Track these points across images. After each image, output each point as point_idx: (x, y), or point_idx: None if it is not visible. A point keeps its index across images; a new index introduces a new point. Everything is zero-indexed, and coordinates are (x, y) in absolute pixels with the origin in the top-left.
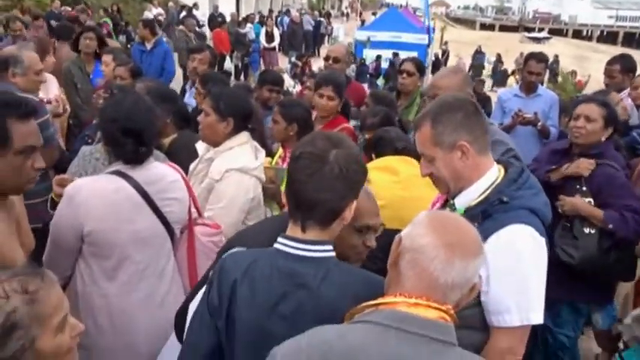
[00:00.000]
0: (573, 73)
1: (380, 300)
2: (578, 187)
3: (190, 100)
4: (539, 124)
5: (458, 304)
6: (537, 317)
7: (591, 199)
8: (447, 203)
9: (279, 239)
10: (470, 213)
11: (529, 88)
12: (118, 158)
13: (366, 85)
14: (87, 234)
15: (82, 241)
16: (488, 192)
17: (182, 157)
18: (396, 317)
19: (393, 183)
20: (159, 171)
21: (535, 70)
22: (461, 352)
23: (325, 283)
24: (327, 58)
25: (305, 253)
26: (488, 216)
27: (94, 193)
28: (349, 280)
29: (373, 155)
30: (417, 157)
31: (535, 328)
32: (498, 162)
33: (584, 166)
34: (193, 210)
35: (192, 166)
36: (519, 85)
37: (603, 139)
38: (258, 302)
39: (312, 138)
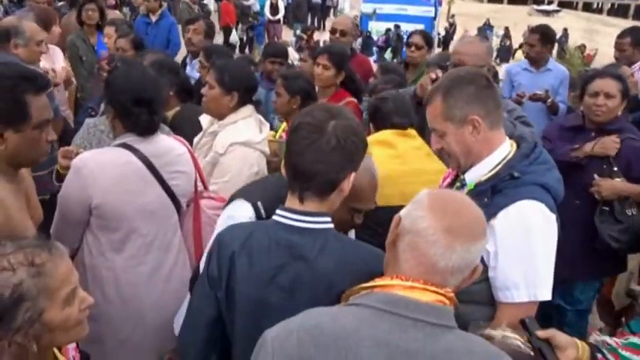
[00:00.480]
0: (582, 47)
1: (376, 282)
2: (605, 166)
3: (192, 73)
4: (549, 100)
5: (459, 286)
6: (545, 294)
7: (623, 178)
8: (457, 178)
9: (278, 211)
10: (479, 188)
11: (532, 61)
12: (131, 130)
13: (372, 59)
14: (95, 207)
15: (90, 214)
16: (499, 167)
17: (185, 129)
18: (389, 300)
19: (391, 157)
20: (166, 144)
21: (530, 42)
22: (460, 335)
23: (323, 254)
24: (333, 31)
25: (303, 224)
26: (498, 191)
27: (101, 166)
28: (347, 253)
29: (371, 127)
30: (417, 130)
31: (544, 305)
32: (511, 137)
33: (611, 145)
34: (199, 183)
35: (196, 140)
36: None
37: (619, 113)
38: (256, 274)
39: (311, 109)
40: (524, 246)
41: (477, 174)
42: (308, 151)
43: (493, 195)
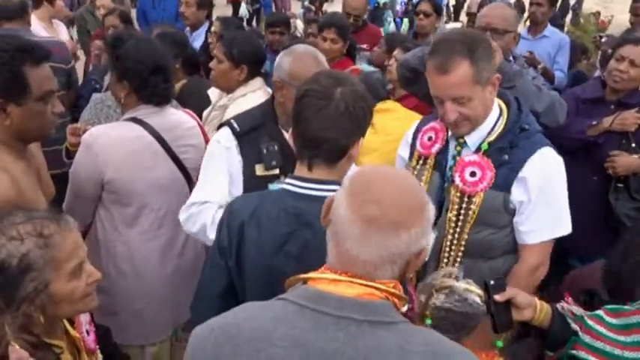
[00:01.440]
0: (597, 13)
1: (309, 274)
2: (624, 142)
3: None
4: (540, 66)
5: (403, 274)
6: (566, 229)
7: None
8: (446, 143)
9: (287, 180)
10: (497, 146)
11: (534, 23)
12: (148, 101)
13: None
14: (106, 182)
15: (102, 189)
16: (500, 124)
17: (192, 103)
18: (311, 296)
19: (370, 135)
20: (175, 117)
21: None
22: (398, 330)
23: None
24: (347, 16)
25: (311, 192)
26: (513, 145)
27: (112, 141)
28: None
29: None
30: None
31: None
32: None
33: (631, 121)
34: None
35: (205, 113)
36: (527, 26)
37: None
38: (265, 242)
39: (316, 76)
40: (552, 190)
41: (479, 135)
42: (316, 118)
43: (511, 150)
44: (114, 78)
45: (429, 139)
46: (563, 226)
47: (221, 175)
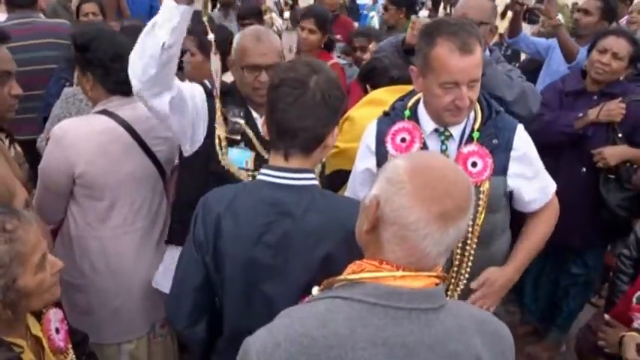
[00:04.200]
0: (574, 5)
1: (363, 275)
2: (609, 133)
3: None
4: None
5: None
6: (554, 184)
7: (626, 144)
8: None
9: (262, 170)
10: (486, 132)
11: (574, 35)
12: (114, 91)
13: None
14: (78, 176)
15: (74, 184)
16: (473, 113)
17: None
18: (382, 293)
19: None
20: (146, 110)
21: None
22: (452, 308)
23: (309, 210)
24: None
25: (288, 181)
26: (497, 128)
27: (82, 134)
28: (333, 207)
29: (368, 86)
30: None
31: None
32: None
33: (616, 111)
34: None
35: None
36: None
37: (621, 78)
38: (243, 234)
39: (291, 64)
40: (536, 159)
41: (461, 125)
42: (293, 107)
43: (497, 132)
44: (79, 72)
45: (403, 140)
46: (552, 185)
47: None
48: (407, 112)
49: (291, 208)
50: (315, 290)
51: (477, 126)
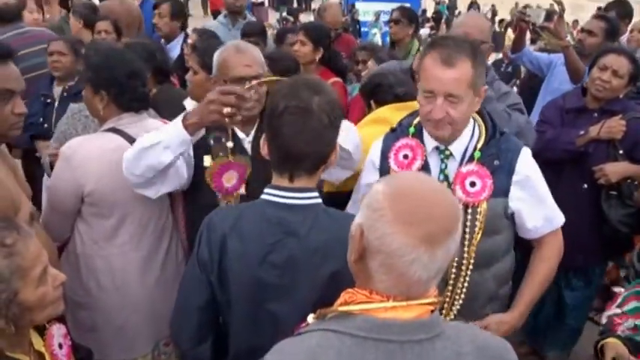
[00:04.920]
0: (574, 22)
1: (353, 307)
2: (610, 150)
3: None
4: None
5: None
6: (562, 216)
7: (627, 161)
8: (423, 154)
9: (267, 190)
10: (487, 153)
11: (579, 54)
12: (128, 107)
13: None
14: (87, 194)
15: (82, 202)
16: (478, 132)
17: (165, 111)
18: (372, 326)
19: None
20: (154, 127)
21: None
22: (450, 335)
23: (314, 229)
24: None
25: (294, 201)
26: (500, 150)
27: (92, 152)
28: (338, 226)
29: (372, 103)
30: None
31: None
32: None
33: (617, 129)
34: None
35: None
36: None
37: (621, 96)
38: (248, 253)
39: (291, 88)
40: (541, 183)
41: (462, 144)
42: (301, 135)
43: (500, 154)
44: (89, 92)
45: (405, 156)
46: (557, 211)
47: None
48: (411, 129)
49: (297, 227)
50: (310, 318)
51: (479, 145)
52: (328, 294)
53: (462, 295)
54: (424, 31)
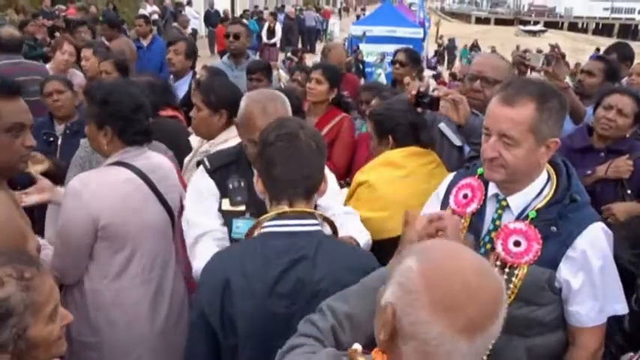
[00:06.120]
0: (576, 65)
1: None
2: (617, 189)
3: (176, 93)
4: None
5: None
6: (623, 307)
7: (635, 200)
8: (485, 201)
9: (268, 223)
10: (545, 216)
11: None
12: (132, 141)
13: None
14: (101, 228)
15: (96, 237)
16: (548, 191)
17: (166, 144)
18: None
19: (399, 178)
20: (157, 160)
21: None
22: None
23: (320, 254)
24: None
25: (297, 228)
26: (562, 217)
27: (104, 185)
28: (341, 252)
29: (391, 138)
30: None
31: None
32: None
33: (624, 168)
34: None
35: (187, 160)
36: None
37: (628, 135)
38: (255, 288)
39: (279, 122)
40: (605, 269)
41: (524, 199)
42: (293, 159)
43: (560, 221)
44: (93, 128)
45: (465, 196)
46: (620, 304)
47: (210, 202)
48: (480, 170)
49: (303, 254)
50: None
51: (539, 205)
52: None
53: (484, 358)
54: (427, 73)
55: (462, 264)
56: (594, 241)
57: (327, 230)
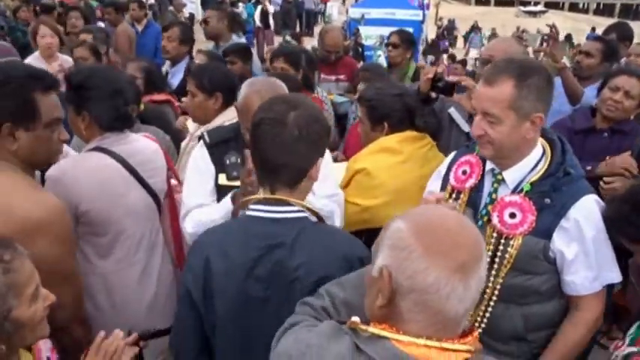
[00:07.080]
0: (578, 45)
1: (388, 334)
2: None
3: (172, 80)
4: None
5: None
6: (617, 276)
7: None
8: (482, 176)
9: (252, 206)
10: (539, 189)
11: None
12: (111, 127)
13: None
14: (81, 214)
15: (77, 223)
16: (542, 165)
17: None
18: (391, 357)
19: (397, 164)
20: (139, 144)
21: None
22: None
23: (300, 241)
24: (328, 52)
25: (279, 215)
26: (556, 189)
27: (82, 171)
28: (325, 238)
29: (386, 124)
30: (431, 133)
31: None
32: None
33: (629, 163)
34: (172, 179)
35: (183, 144)
36: None
37: (632, 117)
38: (233, 270)
39: (270, 103)
40: (598, 239)
41: (519, 173)
42: (273, 145)
43: (554, 193)
44: (72, 112)
45: (464, 172)
46: (614, 272)
47: (205, 178)
48: (478, 147)
49: (282, 240)
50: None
51: (534, 178)
52: None
53: (482, 325)
54: (430, 58)
55: (443, 216)
56: (587, 212)
57: (313, 218)
